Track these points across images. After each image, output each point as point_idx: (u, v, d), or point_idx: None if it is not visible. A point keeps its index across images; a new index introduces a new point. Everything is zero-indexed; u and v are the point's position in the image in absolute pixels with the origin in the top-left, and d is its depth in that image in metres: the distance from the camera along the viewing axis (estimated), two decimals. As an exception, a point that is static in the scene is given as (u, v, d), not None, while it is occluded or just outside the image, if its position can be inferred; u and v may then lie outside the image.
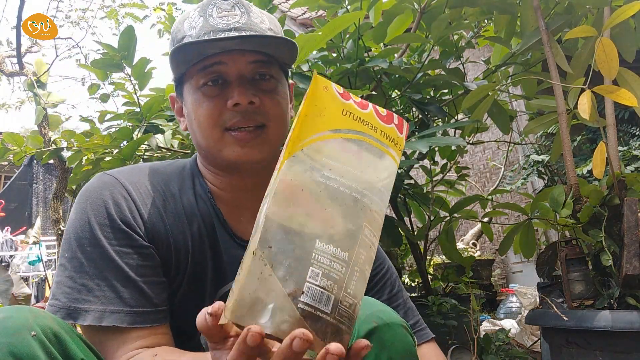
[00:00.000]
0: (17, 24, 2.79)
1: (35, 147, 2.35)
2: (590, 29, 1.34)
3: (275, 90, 0.83)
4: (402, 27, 1.79)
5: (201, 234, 0.82)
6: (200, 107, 0.80)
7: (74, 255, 0.73)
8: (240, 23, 0.79)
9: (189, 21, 0.80)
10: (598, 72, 1.33)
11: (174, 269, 0.80)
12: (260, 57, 0.81)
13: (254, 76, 0.81)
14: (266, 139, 0.81)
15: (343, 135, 0.52)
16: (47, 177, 6.66)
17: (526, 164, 3.89)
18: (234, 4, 0.80)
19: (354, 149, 0.52)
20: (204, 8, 0.80)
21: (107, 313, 0.70)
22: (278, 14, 2.52)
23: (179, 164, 0.89)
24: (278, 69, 0.85)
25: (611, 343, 1.20)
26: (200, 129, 0.81)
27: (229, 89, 0.79)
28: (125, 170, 0.83)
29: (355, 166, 0.51)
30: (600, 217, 1.35)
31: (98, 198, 0.76)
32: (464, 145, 1.72)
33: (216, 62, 0.79)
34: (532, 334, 2.47)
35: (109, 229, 0.74)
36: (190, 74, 0.81)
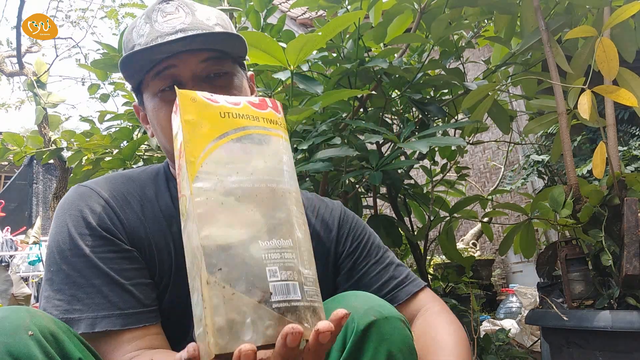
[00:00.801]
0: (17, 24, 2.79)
1: (35, 147, 2.35)
2: (590, 29, 1.34)
3: (231, 85, 0.83)
4: (402, 27, 1.79)
5: (181, 234, 0.83)
6: (160, 112, 0.81)
7: (59, 268, 0.74)
8: (185, 24, 0.79)
9: (137, 30, 0.81)
10: (598, 72, 1.33)
11: (158, 270, 0.81)
12: (211, 54, 0.81)
13: (208, 74, 0.81)
14: None
15: (231, 137, 0.52)
16: (47, 177, 6.67)
17: (526, 164, 3.89)
18: (177, 6, 0.81)
19: (247, 145, 0.53)
20: (149, 14, 0.81)
21: (99, 319, 0.71)
22: (278, 14, 2.52)
23: (152, 170, 0.91)
24: (231, 63, 0.84)
25: (611, 343, 1.20)
26: (164, 134, 0.82)
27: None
28: (99, 180, 0.84)
29: (256, 159, 0.52)
30: (600, 217, 1.35)
31: (76, 209, 0.78)
32: (464, 145, 1.72)
33: (168, 66, 0.79)
34: (532, 334, 2.47)
35: (90, 237, 0.75)
36: (146, 81, 0.82)
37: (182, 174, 0.52)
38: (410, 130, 1.55)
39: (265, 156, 0.53)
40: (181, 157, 0.52)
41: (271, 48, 1.31)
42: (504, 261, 5.31)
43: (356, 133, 1.75)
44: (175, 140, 0.55)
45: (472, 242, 4.31)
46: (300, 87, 1.53)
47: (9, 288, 5.08)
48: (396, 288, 0.92)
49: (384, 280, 0.92)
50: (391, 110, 1.91)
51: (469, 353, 0.79)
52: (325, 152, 1.39)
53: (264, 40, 1.30)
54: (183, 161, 0.51)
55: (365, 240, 0.97)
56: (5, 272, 5.19)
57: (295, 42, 1.31)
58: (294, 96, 1.65)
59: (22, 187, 6.88)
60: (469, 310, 1.83)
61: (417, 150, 1.46)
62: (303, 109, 1.37)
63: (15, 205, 6.90)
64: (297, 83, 1.49)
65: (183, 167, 0.51)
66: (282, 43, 1.46)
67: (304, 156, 1.55)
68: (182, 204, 0.53)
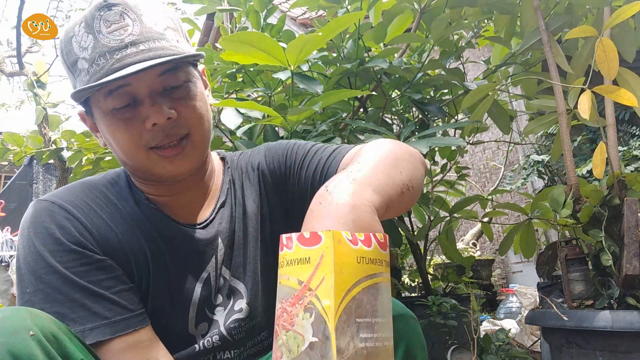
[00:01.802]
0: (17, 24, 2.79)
1: (35, 147, 2.35)
2: (590, 29, 1.34)
3: (189, 95, 0.78)
4: (402, 27, 1.79)
5: (152, 235, 0.82)
6: (117, 131, 0.76)
7: (37, 289, 0.72)
8: (134, 35, 0.73)
9: (77, 40, 0.74)
10: (598, 72, 1.33)
11: (136, 273, 0.79)
12: (166, 66, 0.75)
13: (164, 88, 0.76)
14: (193, 147, 0.79)
15: (363, 285, 0.50)
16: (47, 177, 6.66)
17: (526, 164, 3.89)
18: (121, 12, 0.74)
19: (372, 295, 0.51)
20: (89, 23, 0.73)
21: (87, 331, 0.70)
22: (278, 14, 2.52)
23: (112, 174, 0.88)
24: (187, 67, 0.80)
25: (611, 343, 1.20)
26: (123, 152, 0.78)
27: (142, 107, 0.75)
28: (59, 192, 0.81)
29: (378, 314, 0.51)
30: (600, 217, 1.35)
31: (41, 227, 0.74)
32: (464, 145, 1.72)
33: (121, 85, 0.73)
34: (532, 334, 2.47)
35: (61, 253, 0.73)
36: (96, 97, 0.76)
37: (308, 312, 0.49)
38: (410, 130, 1.55)
39: (383, 309, 0.52)
40: (312, 295, 0.49)
41: (271, 48, 1.31)
42: (504, 261, 5.31)
43: (356, 133, 1.75)
44: (301, 269, 0.50)
45: (472, 242, 4.31)
46: (300, 87, 1.53)
47: (9, 288, 5.08)
48: (328, 162, 0.84)
49: (315, 166, 0.86)
50: (391, 110, 1.91)
51: (396, 155, 0.70)
52: (325, 152, 1.39)
53: (265, 41, 1.30)
54: (317, 300, 0.48)
55: (289, 153, 0.91)
56: (5, 272, 5.19)
57: (296, 42, 1.31)
58: (294, 96, 1.65)
59: (22, 187, 6.87)
60: (469, 310, 1.83)
61: (417, 150, 1.45)
62: (303, 109, 1.37)
63: (15, 205, 6.90)
64: (297, 83, 1.49)
65: (314, 307, 0.48)
66: (282, 43, 1.47)
67: (304, 156, 1.55)
68: (291, 339, 0.49)
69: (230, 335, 0.84)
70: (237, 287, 0.87)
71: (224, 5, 2.04)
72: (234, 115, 1.51)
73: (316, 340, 0.47)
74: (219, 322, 0.84)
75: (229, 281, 0.87)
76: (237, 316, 0.85)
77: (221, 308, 0.85)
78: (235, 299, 0.86)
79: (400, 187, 0.65)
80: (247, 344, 0.87)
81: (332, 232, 0.50)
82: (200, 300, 0.83)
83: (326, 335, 0.47)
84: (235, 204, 0.90)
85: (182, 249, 0.84)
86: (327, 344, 0.47)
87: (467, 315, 1.83)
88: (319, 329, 0.47)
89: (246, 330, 0.86)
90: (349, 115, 1.77)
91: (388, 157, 0.68)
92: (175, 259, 0.83)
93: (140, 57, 0.72)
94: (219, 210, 0.89)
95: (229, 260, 0.87)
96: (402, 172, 0.67)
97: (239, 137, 1.56)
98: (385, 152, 0.70)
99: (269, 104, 1.74)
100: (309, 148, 0.90)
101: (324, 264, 0.49)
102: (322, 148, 0.89)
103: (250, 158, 0.96)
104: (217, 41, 1.47)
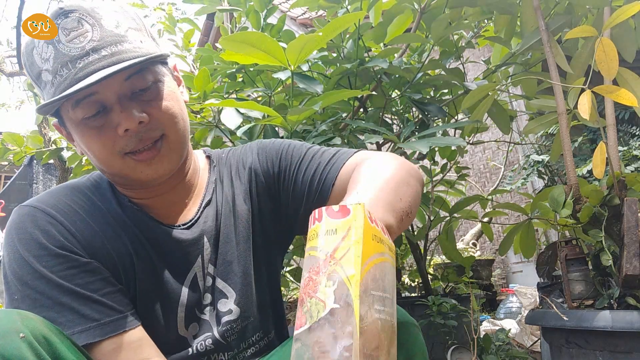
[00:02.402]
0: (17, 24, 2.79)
1: (35, 147, 2.35)
2: (590, 29, 1.34)
3: (159, 95, 0.77)
4: (402, 27, 1.79)
5: (137, 237, 0.81)
6: (90, 141, 0.75)
7: (24, 295, 0.71)
8: (95, 40, 0.70)
9: (38, 52, 0.72)
10: (598, 72, 1.33)
11: (123, 275, 0.79)
12: (132, 70, 0.73)
13: (133, 91, 0.74)
14: (170, 147, 0.78)
15: (374, 261, 0.52)
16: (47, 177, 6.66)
17: (526, 164, 3.89)
18: (78, 19, 0.71)
19: (380, 271, 0.53)
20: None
21: (77, 334, 0.69)
22: (278, 14, 2.52)
23: (96, 177, 0.87)
24: (154, 67, 0.77)
25: (611, 343, 1.20)
26: (99, 160, 0.77)
27: (112, 114, 0.73)
28: (42, 197, 0.80)
29: (386, 290, 0.53)
30: (600, 217, 1.35)
31: (25, 232, 0.74)
32: (464, 145, 1.72)
33: (88, 94, 0.72)
34: (532, 334, 2.47)
35: (46, 258, 0.72)
36: (65, 108, 0.74)
37: (331, 280, 0.50)
38: (410, 130, 1.55)
39: (390, 287, 0.54)
40: (336, 265, 0.50)
41: (272, 48, 1.31)
42: (504, 261, 5.31)
43: (356, 133, 1.75)
44: (328, 240, 0.52)
45: (472, 242, 4.31)
46: (301, 87, 1.53)
47: (9, 288, 5.06)
48: (326, 168, 0.83)
49: (313, 171, 0.84)
50: (391, 110, 1.91)
51: (397, 179, 0.70)
52: (325, 152, 1.39)
53: (265, 41, 1.30)
54: (340, 269, 0.50)
55: (283, 154, 0.90)
56: (5, 272, 5.17)
57: (296, 42, 1.31)
58: (294, 96, 1.65)
59: (22, 187, 6.87)
60: (469, 310, 1.83)
61: (417, 150, 1.46)
62: (303, 109, 1.37)
63: (15, 205, 6.89)
64: (297, 83, 1.49)
65: (337, 276, 0.50)
66: (282, 43, 1.47)
67: (304, 156, 1.55)
68: (313, 305, 0.50)
69: (223, 338, 0.84)
70: (224, 288, 0.86)
71: (224, 5, 2.04)
72: (234, 115, 1.51)
73: (337, 306, 0.48)
74: (209, 323, 0.84)
75: (215, 281, 0.86)
76: (228, 318, 0.84)
77: (210, 307, 0.85)
78: (222, 299, 0.85)
79: (400, 214, 0.66)
80: (241, 346, 0.86)
81: (362, 206, 0.52)
82: (188, 301, 0.83)
83: (348, 302, 0.48)
84: (222, 203, 0.89)
85: (168, 250, 0.83)
86: (348, 310, 0.48)
87: (467, 315, 1.83)
88: (341, 296, 0.49)
89: (238, 331, 0.85)
90: (349, 115, 1.77)
91: (389, 183, 0.68)
92: (161, 260, 0.82)
93: (103, 63, 0.70)
94: (204, 209, 0.88)
95: (215, 260, 0.86)
96: (402, 198, 0.67)
97: (239, 137, 1.56)
98: (387, 177, 0.70)
99: (269, 104, 1.74)
100: (306, 151, 0.88)
101: (349, 236, 0.51)
102: (320, 152, 0.87)
103: (241, 155, 0.94)
104: (217, 41, 1.47)
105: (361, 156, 0.82)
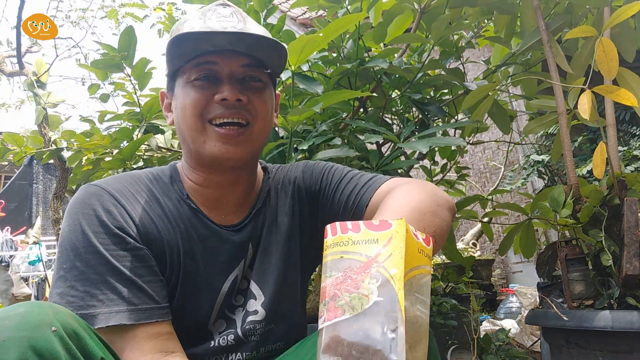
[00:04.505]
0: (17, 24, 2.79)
1: (35, 147, 2.35)
2: (590, 29, 1.34)
3: (261, 94, 0.86)
4: (402, 27, 1.79)
5: (188, 232, 0.86)
6: (187, 97, 0.83)
7: (73, 265, 0.75)
8: (236, 28, 0.82)
9: (189, 23, 0.83)
10: (598, 72, 1.33)
11: (168, 267, 0.83)
12: (252, 60, 0.85)
13: (244, 77, 0.85)
14: (249, 137, 0.84)
15: (415, 272, 0.56)
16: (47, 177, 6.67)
17: (526, 164, 3.89)
18: (232, 12, 0.84)
19: (424, 281, 0.57)
20: (205, 12, 0.83)
21: (113, 314, 0.72)
22: (278, 14, 2.52)
23: (157, 171, 0.93)
24: (267, 76, 0.88)
25: (611, 343, 1.20)
26: (184, 118, 0.84)
27: (219, 85, 0.83)
28: (109, 180, 0.86)
29: (427, 297, 0.57)
30: (600, 217, 1.35)
31: (89, 208, 0.79)
32: (464, 145, 1.72)
33: (209, 60, 0.83)
34: (532, 334, 2.47)
35: (104, 235, 0.76)
36: (184, 69, 0.85)
37: (375, 278, 0.53)
38: (410, 130, 1.55)
39: (428, 295, 0.58)
40: (379, 266, 0.54)
41: (271, 48, 1.31)
42: (504, 261, 5.31)
43: (356, 133, 1.75)
44: (369, 247, 0.56)
45: (472, 242, 4.31)
46: (301, 87, 1.53)
47: (9, 288, 5.08)
48: (362, 190, 0.89)
49: (349, 191, 0.91)
50: (391, 110, 1.91)
51: (422, 209, 0.74)
52: (326, 152, 1.39)
53: (264, 41, 1.30)
54: (384, 270, 0.53)
55: (325, 174, 0.97)
56: (5, 272, 5.19)
57: (296, 43, 1.31)
58: (294, 96, 1.66)
59: (22, 187, 6.88)
60: (469, 310, 1.83)
61: (417, 150, 1.46)
62: (303, 110, 1.37)
63: (15, 205, 6.90)
64: (298, 83, 1.49)
65: (380, 275, 0.53)
66: (283, 43, 1.46)
67: (304, 156, 1.55)
68: (355, 299, 0.53)
69: (244, 336, 0.86)
70: (255, 290, 0.89)
71: (224, 5, 2.04)
72: (234, 115, 1.50)
73: (382, 299, 0.52)
74: (236, 322, 0.87)
75: (250, 284, 0.89)
76: (253, 318, 0.87)
77: (240, 308, 0.88)
78: (251, 300, 0.88)
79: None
80: (261, 350, 0.88)
81: (403, 220, 0.56)
82: (224, 300, 0.86)
83: (392, 296, 0.51)
84: (268, 213, 0.94)
85: (215, 249, 0.87)
86: (393, 302, 0.51)
87: (467, 315, 1.83)
88: (385, 291, 0.52)
89: (261, 334, 0.87)
90: (349, 116, 1.77)
91: (414, 212, 0.73)
92: (207, 257, 0.86)
93: (236, 40, 0.81)
94: (254, 216, 0.92)
95: (254, 265, 0.90)
96: (426, 228, 0.71)
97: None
98: (412, 205, 0.74)
99: (269, 104, 1.73)
100: (346, 173, 0.95)
101: (392, 244, 0.55)
102: (359, 175, 0.94)
103: (288, 172, 1.01)
104: (217, 41, 1.47)
105: (395, 182, 0.88)
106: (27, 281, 5.56)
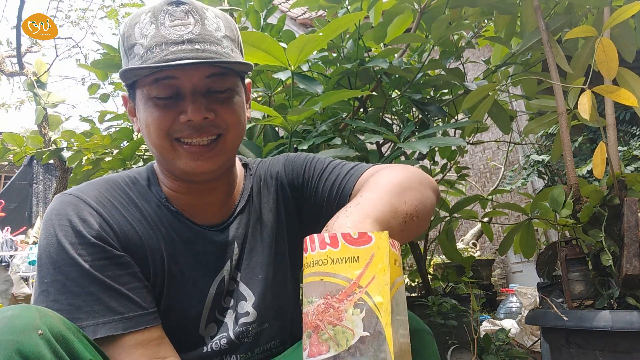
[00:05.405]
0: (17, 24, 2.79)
1: (35, 147, 2.35)
2: (590, 29, 1.34)
3: (230, 102, 0.80)
4: (402, 27, 1.79)
5: (170, 235, 0.83)
6: (150, 116, 0.78)
7: (54, 279, 0.73)
8: (193, 34, 0.75)
9: (140, 27, 0.76)
10: (598, 72, 1.33)
11: (152, 272, 0.81)
12: (216, 70, 0.77)
13: (208, 89, 0.78)
14: (222, 148, 0.80)
15: (396, 287, 0.53)
16: (47, 177, 6.67)
17: (526, 164, 3.89)
18: (187, 11, 0.76)
19: (401, 295, 0.54)
20: (156, 14, 0.76)
21: (100, 325, 0.71)
22: (278, 14, 2.52)
23: (133, 173, 0.89)
24: (234, 78, 0.81)
25: (611, 343, 1.20)
26: (150, 138, 0.79)
27: (182, 101, 0.77)
28: (83, 187, 0.82)
29: (403, 312, 0.55)
30: (600, 217, 1.35)
31: (64, 218, 0.76)
32: (464, 145, 1.72)
33: (169, 76, 0.76)
34: (532, 334, 2.47)
35: (81, 246, 0.74)
36: (142, 82, 0.78)
37: (358, 307, 0.50)
38: (410, 130, 1.55)
39: (405, 308, 0.55)
40: (362, 292, 0.51)
41: (272, 48, 1.31)
42: (504, 261, 5.31)
43: (356, 133, 1.75)
44: (349, 267, 0.52)
45: (472, 242, 4.31)
46: (301, 87, 1.53)
47: (9, 288, 5.08)
48: (345, 179, 0.87)
49: (332, 181, 0.88)
50: (391, 110, 1.91)
51: (403, 184, 0.72)
52: (326, 152, 1.39)
53: (265, 41, 1.30)
54: (367, 297, 0.50)
55: (307, 166, 0.94)
56: (6, 272, 5.18)
57: (296, 43, 1.31)
58: (294, 96, 1.66)
59: (22, 187, 6.88)
60: (469, 310, 1.83)
61: (417, 150, 1.46)
62: (303, 109, 1.37)
63: (15, 205, 6.90)
64: (298, 83, 1.49)
65: (364, 304, 0.50)
66: (283, 43, 1.47)
67: (304, 156, 1.55)
68: (339, 333, 0.50)
69: (238, 339, 0.85)
70: (245, 291, 0.88)
71: (224, 5, 2.04)
72: (234, 115, 1.50)
73: (367, 334, 0.49)
74: (227, 325, 0.85)
75: (239, 285, 0.88)
76: (245, 320, 0.86)
77: (230, 310, 0.87)
78: (242, 301, 0.87)
79: (402, 217, 0.68)
80: (255, 350, 0.87)
81: (386, 234, 0.53)
82: (212, 303, 0.85)
83: (379, 330, 0.49)
84: (252, 211, 0.92)
85: (200, 251, 0.85)
86: (380, 338, 0.48)
87: (467, 315, 1.83)
88: (371, 324, 0.49)
89: (254, 335, 0.87)
90: (349, 115, 1.77)
91: (394, 187, 0.71)
92: (192, 260, 0.84)
93: (193, 54, 0.74)
94: (237, 215, 0.90)
95: (240, 265, 0.89)
96: (407, 202, 0.70)
97: (239, 137, 1.56)
98: (393, 182, 0.73)
99: (269, 104, 1.74)
100: (328, 163, 0.93)
101: (374, 263, 0.51)
102: (340, 165, 0.91)
103: (269, 167, 0.98)
104: (217, 41, 1.46)
105: (377, 167, 0.85)
106: (27, 281, 5.56)
